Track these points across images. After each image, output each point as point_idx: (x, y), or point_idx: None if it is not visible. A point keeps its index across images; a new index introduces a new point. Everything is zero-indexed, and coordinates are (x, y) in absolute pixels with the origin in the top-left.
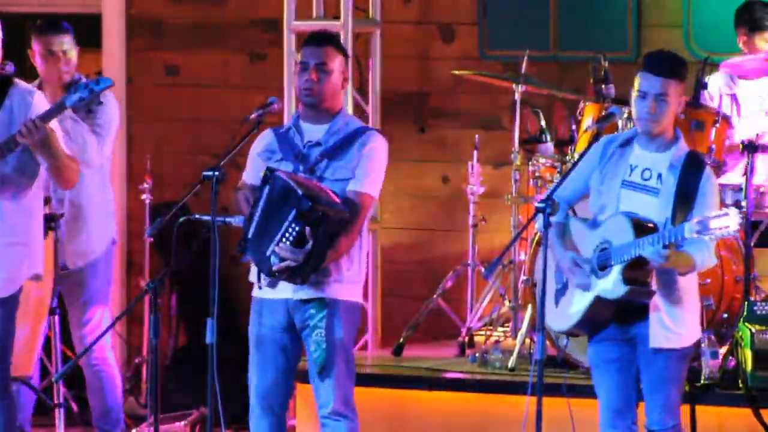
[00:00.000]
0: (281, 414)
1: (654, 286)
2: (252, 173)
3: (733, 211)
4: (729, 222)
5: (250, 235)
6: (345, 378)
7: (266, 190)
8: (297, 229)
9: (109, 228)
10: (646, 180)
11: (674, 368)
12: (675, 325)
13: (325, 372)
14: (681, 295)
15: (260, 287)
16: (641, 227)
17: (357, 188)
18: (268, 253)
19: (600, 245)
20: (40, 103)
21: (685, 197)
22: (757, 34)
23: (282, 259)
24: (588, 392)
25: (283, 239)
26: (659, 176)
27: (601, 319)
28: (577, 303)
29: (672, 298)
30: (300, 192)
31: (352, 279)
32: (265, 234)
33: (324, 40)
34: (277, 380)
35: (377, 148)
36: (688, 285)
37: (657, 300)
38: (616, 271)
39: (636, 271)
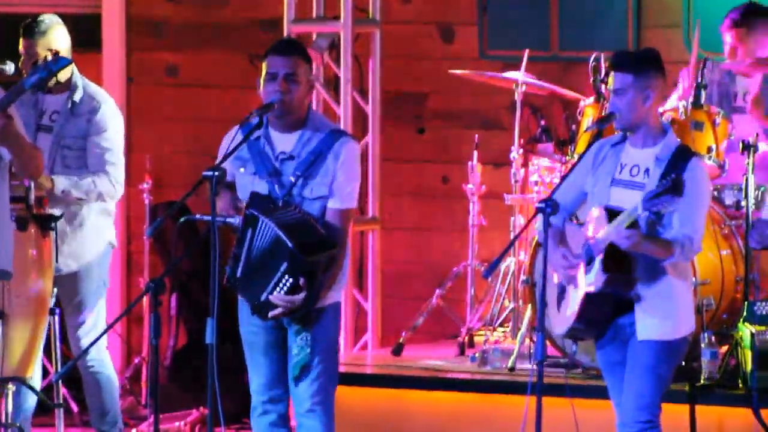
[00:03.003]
0: (283, 411)
1: (636, 274)
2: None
3: (675, 177)
4: (674, 189)
5: (239, 275)
6: (325, 379)
7: (249, 233)
8: (290, 280)
9: (107, 231)
10: (633, 176)
11: (656, 360)
12: (660, 315)
13: (304, 374)
14: (668, 286)
15: (252, 314)
16: (615, 215)
17: (338, 206)
18: (262, 299)
19: (585, 242)
20: None
21: None
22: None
23: (277, 306)
24: (587, 393)
25: (277, 289)
26: (646, 171)
27: (599, 317)
28: (573, 304)
29: (657, 288)
30: (290, 245)
31: (338, 284)
32: (255, 278)
33: (292, 49)
34: (273, 377)
35: (351, 156)
36: (679, 276)
37: (641, 291)
38: (597, 262)
39: (615, 259)
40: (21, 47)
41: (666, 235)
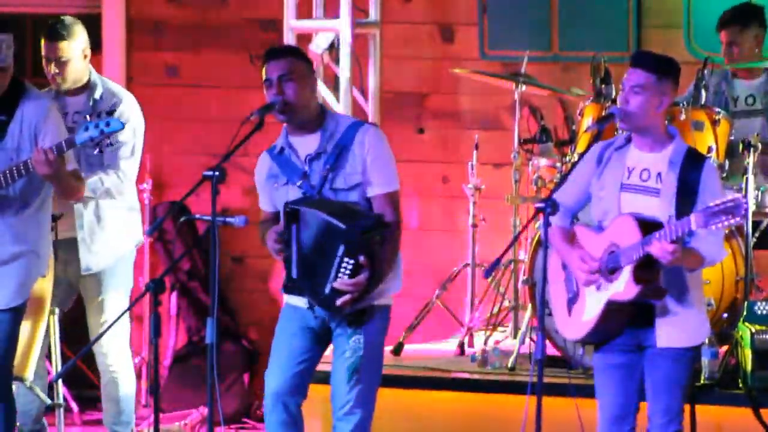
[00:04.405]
0: (296, 411)
1: (663, 284)
2: (266, 201)
3: (738, 198)
4: (734, 210)
5: (294, 276)
6: (367, 385)
7: (294, 229)
8: (351, 261)
9: (135, 229)
10: (644, 181)
11: (678, 370)
12: (681, 324)
13: (355, 376)
14: (688, 294)
15: (317, 317)
16: (647, 226)
17: (380, 191)
18: (327, 291)
19: (608, 248)
20: (52, 116)
21: (687, 193)
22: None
23: (344, 293)
24: (587, 392)
25: (339, 275)
26: (659, 175)
27: (615, 325)
28: (590, 310)
29: (679, 297)
30: (343, 225)
31: (391, 283)
32: (313, 272)
33: (284, 52)
34: (294, 381)
35: (377, 141)
36: (695, 283)
37: (665, 299)
38: (626, 272)
39: (646, 270)
40: (43, 50)
41: (693, 245)
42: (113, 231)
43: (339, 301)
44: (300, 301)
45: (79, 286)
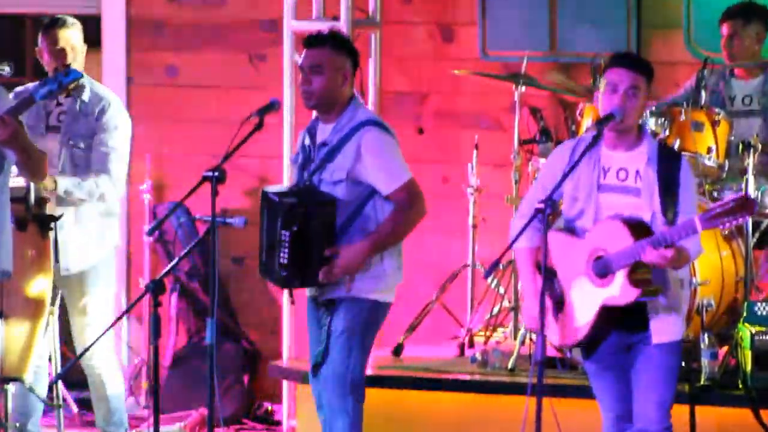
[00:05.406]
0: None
1: (656, 282)
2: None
3: (742, 197)
4: (742, 209)
5: (264, 259)
6: (337, 373)
7: (265, 215)
8: (288, 234)
9: (112, 232)
10: (622, 180)
11: (673, 363)
12: (669, 317)
13: (321, 368)
14: (671, 287)
15: (292, 302)
16: (636, 228)
17: (386, 190)
18: (276, 267)
19: (594, 253)
20: (5, 96)
21: (668, 189)
22: None
23: (286, 267)
24: (584, 393)
25: (282, 249)
26: (637, 173)
27: (607, 328)
28: (582, 316)
29: (666, 292)
30: (276, 199)
31: (373, 276)
32: (271, 252)
33: (317, 41)
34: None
35: (373, 143)
36: (674, 280)
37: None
38: (620, 276)
39: (640, 272)
40: (44, 43)
41: (682, 244)
42: (91, 234)
43: (284, 274)
44: (308, 292)
45: (62, 288)
